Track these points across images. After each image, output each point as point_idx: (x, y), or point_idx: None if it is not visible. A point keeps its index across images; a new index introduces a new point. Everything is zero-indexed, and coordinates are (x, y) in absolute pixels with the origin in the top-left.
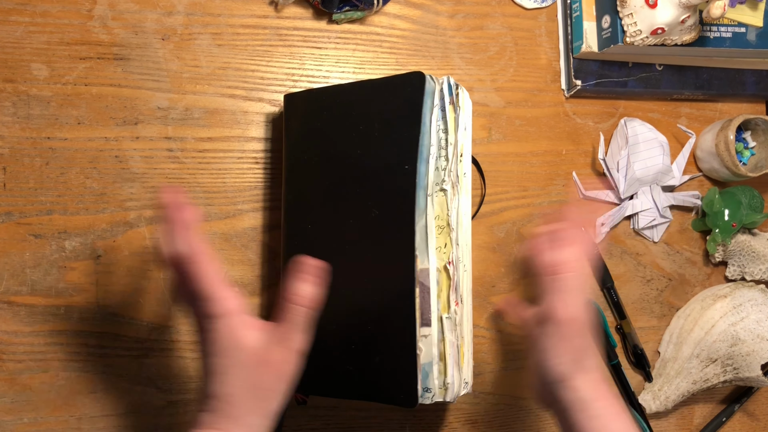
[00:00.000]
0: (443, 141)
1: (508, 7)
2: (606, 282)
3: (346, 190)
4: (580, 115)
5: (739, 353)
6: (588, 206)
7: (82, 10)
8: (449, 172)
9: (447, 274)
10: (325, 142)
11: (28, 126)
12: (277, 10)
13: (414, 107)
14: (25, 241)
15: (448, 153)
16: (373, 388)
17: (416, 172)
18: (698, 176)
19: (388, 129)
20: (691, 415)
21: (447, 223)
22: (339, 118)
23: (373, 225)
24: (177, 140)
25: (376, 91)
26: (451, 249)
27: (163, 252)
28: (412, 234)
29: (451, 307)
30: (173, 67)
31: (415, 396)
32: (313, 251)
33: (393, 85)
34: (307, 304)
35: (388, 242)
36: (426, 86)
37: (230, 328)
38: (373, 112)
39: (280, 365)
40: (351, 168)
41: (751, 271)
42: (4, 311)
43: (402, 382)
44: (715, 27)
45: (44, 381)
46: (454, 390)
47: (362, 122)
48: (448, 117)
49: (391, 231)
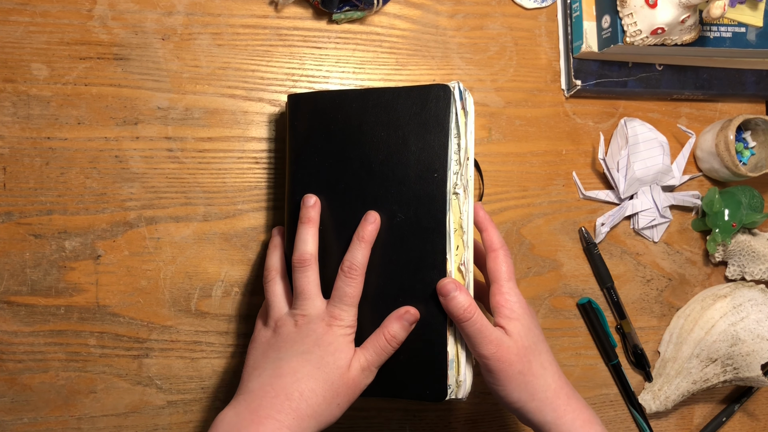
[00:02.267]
0: (456, 146)
1: (508, 7)
2: (606, 282)
3: (364, 194)
4: (580, 115)
5: (739, 353)
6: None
7: (82, 10)
8: (461, 176)
9: (461, 275)
10: (339, 147)
11: (28, 126)
12: (277, 10)
13: (443, 119)
14: (25, 241)
15: (460, 157)
16: (400, 384)
17: (446, 179)
18: (698, 176)
19: (414, 138)
20: (691, 415)
21: (460, 226)
22: (355, 124)
23: (397, 229)
24: (177, 140)
25: (398, 99)
26: (464, 251)
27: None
28: (444, 238)
29: None
30: (173, 67)
31: (444, 390)
32: (324, 254)
33: (417, 95)
34: (396, 346)
35: (418, 246)
36: (451, 98)
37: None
38: (397, 120)
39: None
40: (370, 173)
41: (751, 271)
42: (4, 311)
43: (431, 378)
44: (715, 27)
45: (44, 381)
46: (465, 388)
47: (383, 130)
48: (459, 122)
49: (419, 235)
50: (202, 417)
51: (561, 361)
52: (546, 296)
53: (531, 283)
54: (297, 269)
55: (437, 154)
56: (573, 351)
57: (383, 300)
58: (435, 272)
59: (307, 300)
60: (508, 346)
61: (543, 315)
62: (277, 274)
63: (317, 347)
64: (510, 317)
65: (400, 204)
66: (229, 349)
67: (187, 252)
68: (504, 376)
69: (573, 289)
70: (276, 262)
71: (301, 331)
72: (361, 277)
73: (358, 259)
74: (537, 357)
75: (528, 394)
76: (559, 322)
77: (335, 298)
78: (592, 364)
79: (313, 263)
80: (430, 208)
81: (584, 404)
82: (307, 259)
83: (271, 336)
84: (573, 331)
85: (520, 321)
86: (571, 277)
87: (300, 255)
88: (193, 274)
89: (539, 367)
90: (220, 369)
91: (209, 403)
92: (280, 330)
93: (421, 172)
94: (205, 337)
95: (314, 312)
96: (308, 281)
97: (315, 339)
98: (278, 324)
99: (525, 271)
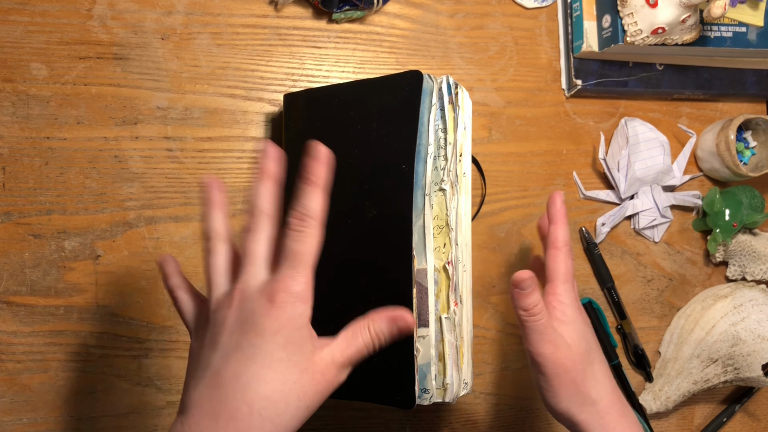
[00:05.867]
0: (442, 140)
1: (509, 6)
2: (606, 282)
3: (344, 190)
4: (581, 114)
5: (740, 353)
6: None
7: (82, 10)
8: (448, 172)
9: (446, 274)
10: (324, 142)
11: (28, 126)
12: (277, 9)
13: (411, 106)
14: (25, 241)
15: (447, 152)
16: (371, 389)
17: (414, 172)
18: (699, 176)
19: (385, 128)
20: (691, 415)
21: (446, 223)
22: (337, 118)
23: (370, 225)
24: (177, 140)
25: (374, 90)
26: (450, 249)
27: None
28: (410, 234)
29: (450, 308)
30: (173, 66)
31: (412, 397)
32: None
33: (391, 84)
34: (377, 348)
35: (386, 242)
36: (424, 85)
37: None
38: (371, 111)
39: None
40: (349, 168)
41: (752, 271)
42: (4, 311)
43: (399, 384)
44: (716, 26)
45: (44, 381)
46: (453, 390)
47: (360, 122)
48: (447, 116)
49: (388, 231)
50: None
51: None
52: None
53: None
54: (245, 229)
55: (406, 144)
56: None
57: (356, 299)
58: (404, 269)
59: (249, 266)
60: (567, 350)
61: None
62: (221, 243)
63: (259, 338)
64: (562, 320)
65: (372, 199)
66: None
67: (186, 252)
68: (557, 383)
69: None
70: (219, 224)
71: (238, 314)
72: (315, 230)
73: (311, 207)
74: (590, 366)
75: (578, 405)
76: None
77: (281, 260)
78: None
79: (267, 223)
80: (398, 202)
81: (635, 421)
82: (258, 216)
83: (204, 325)
84: None
85: (573, 325)
86: None
87: (250, 211)
88: (193, 275)
89: (592, 377)
90: None
91: None
92: (215, 316)
93: (390, 165)
94: None
95: (254, 282)
96: (255, 241)
97: (254, 324)
98: (213, 308)
99: None
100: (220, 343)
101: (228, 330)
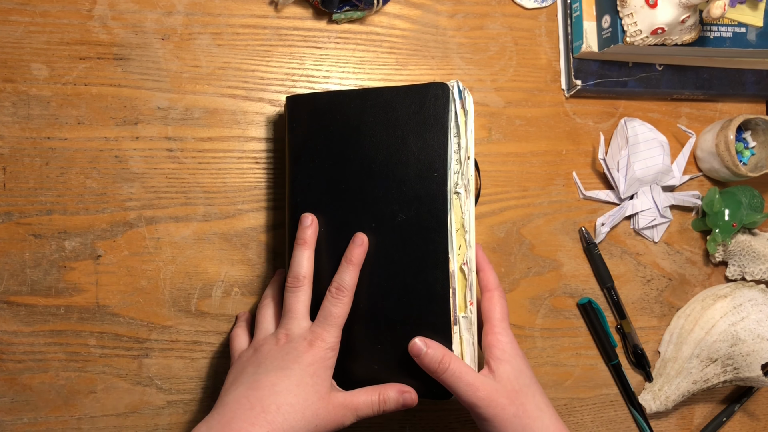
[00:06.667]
0: (456, 145)
1: (508, 6)
2: (606, 282)
3: (364, 194)
4: (580, 115)
5: (740, 353)
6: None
7: (82, 10)
8: (462, 176)
9: (463, 275)
10: (338, 148)
11: (28, 126)
12: (277, 10)
13: (441, 117)
14: (25, 241)
15: (461, 156)
16: (406, 383)
17: (447, 178)
18: (698, 176)
19: (414, 137)
20: (691, 415)
21: (462, 226)
22: (353, 124)
23: (398, 229)
24: (177, 140)
25: (396, 98)
26: (466, 250)
27: None
28: (446, 237)
29: (467, 307)
30: (173, 67)
31: (447, 390)
32: (326, 255)
33: (416, 94)
34: (383, 411)
35: (417, 246)
36: (450, 96)
37: None
38: (394, 119)
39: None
40: (370, 173)
41: (752, 271)
42: (4, 311)
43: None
44: (715, 27)
45: (44, 381)
46: None
47: (383, 129)
48: (459, 121)
49: (420, 235)
50: (202, 417)
51: (561, 361)
52: (546, 296)
53: (531, 283)
54: (289, 289)
55: (437, 153)
56: (573, 351)
57: (385, 301)
58: (438, 272)
59: (293, 319)
60: (497, 389)
61: (543, 315)
62: (272, 301)
63: (296, 364)
64: (501, 358)
65: (401, 204)
66: (229, 349)
67: (187, 252)
68: (499, 422)
69: (573, 289)
70: (274, 291)
71: (282, 348)
72: (348, 298)
73: (346, 281)
74: (531, 399)
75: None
76: (560, 322)
77: (320, 317)
78: (593, 364)
79: (306, 285)
80: (432, 208)
81: None
82: (299, 280)
83: (252, 354)
84: (573, 331)
85: (511, 363)
86: (571, 277)
87: (293, 276)
88: (193, 274)
89: (535, 409)
90: (220, 369)
91: (209, 403)
92: (261, 348)
93: (421, 172)
94: (205, 337)
95: (298, 331)
96: (297, 301)
97: (295, 356)
98: (260, 343)
99: (525, 271)
100: (264, 365)
101: (272, 357)
